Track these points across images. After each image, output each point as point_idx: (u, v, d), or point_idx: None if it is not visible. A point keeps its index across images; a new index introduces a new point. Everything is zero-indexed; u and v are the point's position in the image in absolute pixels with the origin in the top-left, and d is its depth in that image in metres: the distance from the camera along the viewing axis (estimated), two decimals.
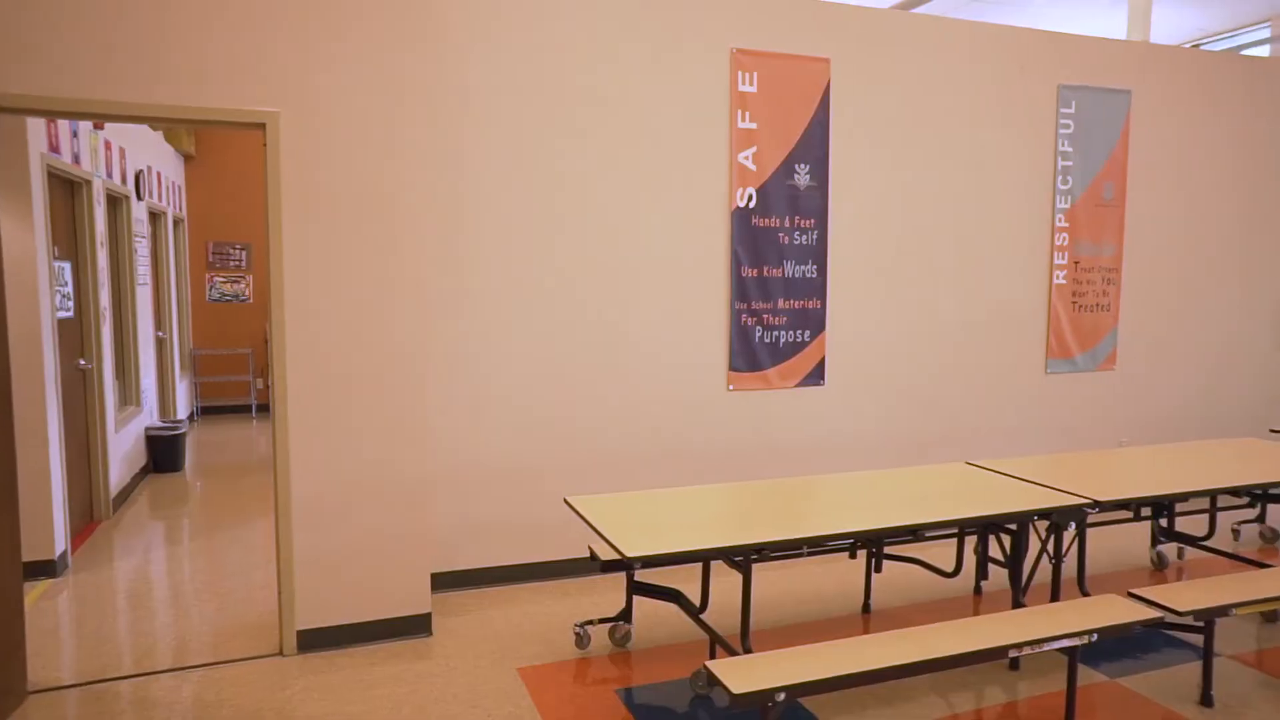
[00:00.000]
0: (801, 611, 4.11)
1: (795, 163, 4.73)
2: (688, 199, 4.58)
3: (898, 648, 2.79)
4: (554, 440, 4.45)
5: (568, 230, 4.37)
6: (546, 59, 4.26)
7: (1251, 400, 6.34)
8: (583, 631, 3.65)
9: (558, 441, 4.45)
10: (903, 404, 5.20)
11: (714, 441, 4.75)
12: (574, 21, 4.29)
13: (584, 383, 4.47)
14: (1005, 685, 3.41)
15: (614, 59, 4.37)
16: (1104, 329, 5.71)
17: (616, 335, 4.51)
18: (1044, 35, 5.38)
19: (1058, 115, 5.43)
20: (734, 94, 4.58)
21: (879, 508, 3.24)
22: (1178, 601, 3.14)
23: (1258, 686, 3.39)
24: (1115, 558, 4.91)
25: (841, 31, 4.82)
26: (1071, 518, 3.33)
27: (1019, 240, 5.41)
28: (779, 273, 4.75)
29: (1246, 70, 6.07)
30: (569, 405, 4.45)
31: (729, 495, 3.42)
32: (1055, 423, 5.66)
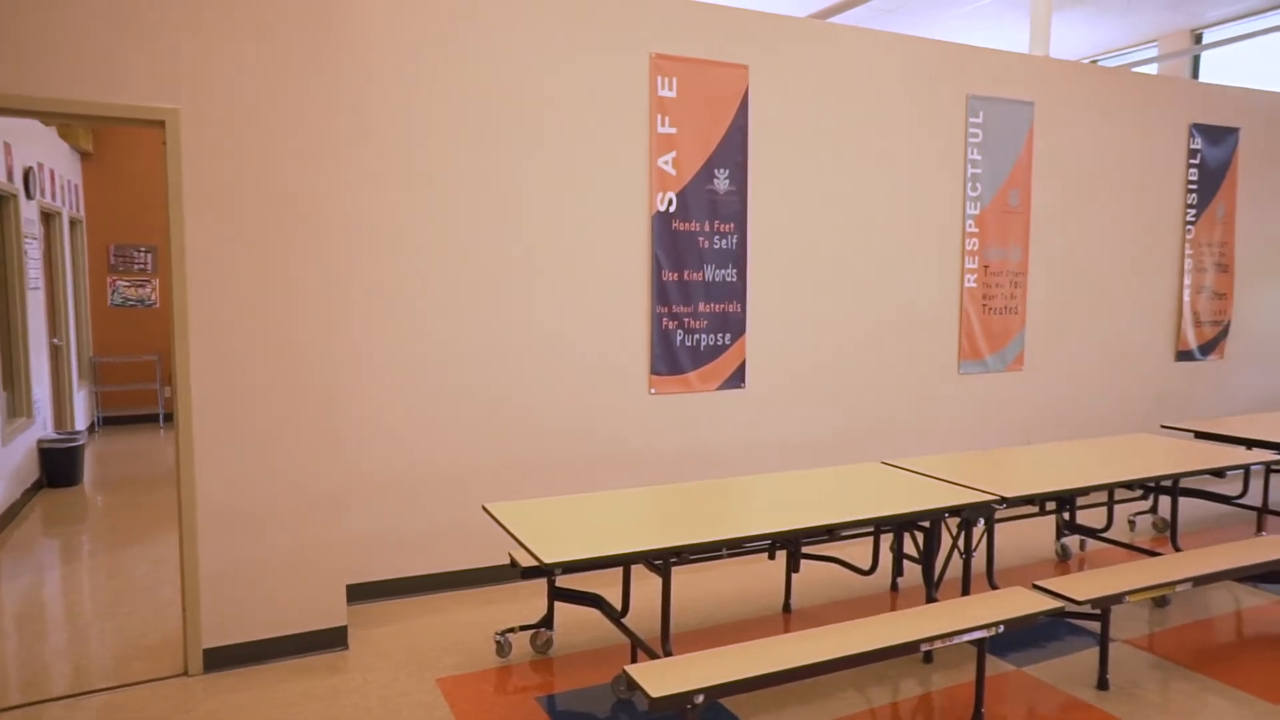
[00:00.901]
0: (724, 612, 4.15)
1: (715, 168, 4.78)
2: (608, 203, 4.58)
3: (815, 646, 2.84)
4: (474, 446, 4.38)
5: (486, 233, 4.32)
6: (463, 59, 4.20)
7: (1145, 398, 6.67)
8: (503, 639, 3.60)
9: (478, 447, 4.39)
10: (821, 405, 5.30)
11: (636, 445, 4.76)
12: (491, 22, 4.25)
13: (503, 388, 4.42)
14: (920, 678, 3.50)
15: (532, 61, 4.34)
16: (1012, 331, 5.93)
17: (537, 339, 4.47)
18: (954, 47, 5.56)
19: (967, 124, 5.62)
20: (654, 99, 4.60)
21: (796, 508, 3.29)
22: (1077, 591, 3.28)
23: (1149, 668, 3.57)
24: (1023, 551, 5.10)
25: (760, 39, 4.90)
26: (980, 514, 3.44)
27: (932, 245, 5.58)
28: (699, 276, 4.79)
29: (1137, 85, 6.39)
30: (488, 411, 4.40)
31: (649, 499, 3.42)
32: (967, 422, 5.85)
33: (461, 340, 4.31)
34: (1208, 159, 6.74)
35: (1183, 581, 3.48)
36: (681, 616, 4.10)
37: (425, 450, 4.28)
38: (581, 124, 4.48)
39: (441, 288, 4.25)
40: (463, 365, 4.32)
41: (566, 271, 4.51)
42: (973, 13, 8.66)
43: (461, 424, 4.34)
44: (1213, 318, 6.95)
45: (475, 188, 4.28)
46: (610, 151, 4.55)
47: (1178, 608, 4.24)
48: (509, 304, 4.40)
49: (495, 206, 4.33)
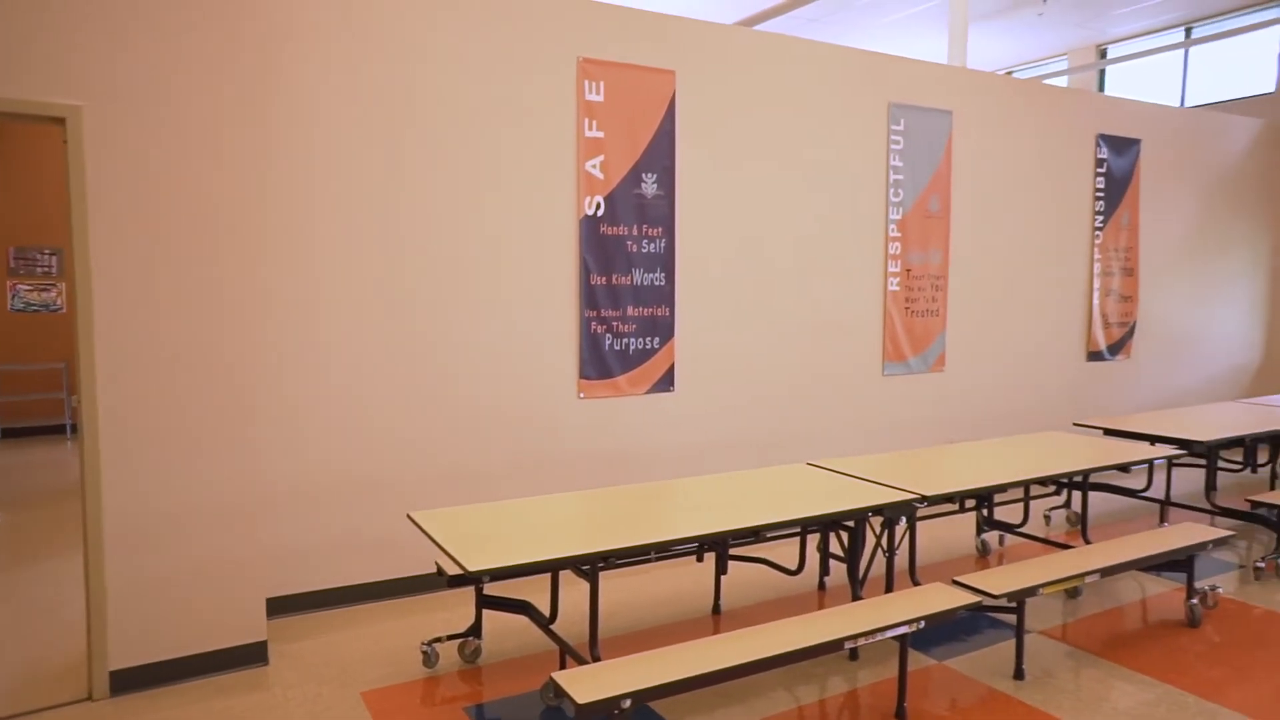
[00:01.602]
0: (654, 616, 4.15)
1: (642, 172, 4.79)
2: (536, 206, 4.55)
3: (742, 646, 2.86)
4: (401, 453, 4.30)
5: (412, 237, 4.25)
6: (389, 61, 4.13)
7: (1059, 397, 6.93)
8: (430, 649, 3.54)
9: (405, 455, 4.31)
10: (749, 408, 5.36)
11: (565, 450, 4.73)
12: (417, 24, 4.18)
13: (431, 393, 4.35)
14: (847, 675, 3.56)
15: (458, 63, 4.29)
16: (934, 333, 6.10)
17: (464, 344, 4.41)
18: (876, 56, 5.70)
19: (889, 132, 5.75)
20: (581, 103, 4.59)
21: (724, 510, 3.31)
22: (994, 586, 3.38)
23: (1063, 657, 3.70)
24: (946, 547, 5.24)
25: (686, 45, 4.93)
26: (902, 512, 3.52)
27: (856, 249, 5.70)
28: (628, 280, 4.79)
29: (1047, 97, 6.65)
30: (415, 417, 4.32)
31: (577, 504, 3.40)
32: (892, 422, 5.98)
33: (387, 345, 4.23)
34: (1113, 168, 7.05)
35: (1091, 573, 3.62)
36: (611, 621, 4.09)
37: (349, 458, 4.18)
38: (509, 127, 4.44)
39: (366, 292, 4.16)
40: (388, 371, 4.24)
41: (494, 275, 4.47)
42: (894, 24, 8.89)
43: (387, 431, 4.26)
44: (1120, 319, 7.26)
45: (401, 191, 4.20)
46: (538, 155, 4.53)
47: (1089, 598, 4.41)
48: (436, 309, 4.33)
49: (422, 210, 4.26)
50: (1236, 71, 8.74)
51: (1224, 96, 8.82)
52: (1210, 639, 3.90)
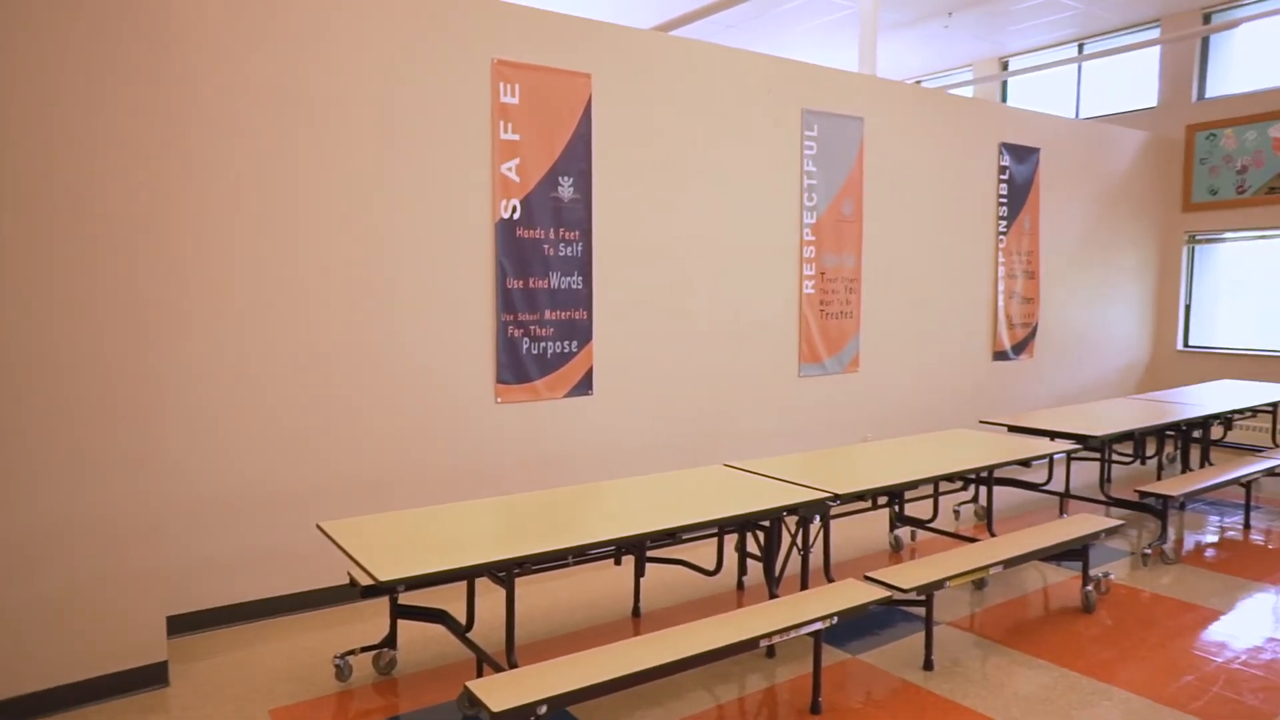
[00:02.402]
0: (573, 620, 4.14)
1: (559, 175, 4.77)
2: (451, 209, 4.48)
3: (658, 648, 2.87)
4: (311, 463, 4.18)
5: (322, 240, 4.14)
6: (293, 59, 4.01)
7: (967, 395, 7.19)
8: (343, 663, 3.44)
9: (315, 464, 4.19)
10: (668, 411, 5.39)
11: (483, 456, 4.67)
12: (328, 23, 4.07)
13: (342, 401, 4.24)
14: (765, 672, 3.61)
15: (370, 64, 4.20)
16: (848, 334, 6.25)
17: (377, 350, 4.32)
18: (790, 64, 5.81)
19: (802, 137, 5.87)
20: (496, 105, 4.55)
21: (641, 513, 3.32)
22: (903, 580, 3.48)
23: (970, 647, 3.83)
24: (861, 544, 5.37)
25: (603, 49, 4.94)
26: (816, 511, 3.60)
27: (772, 252, 5.80)
28: (545, 284, 4.77)
29: (953, 106, 6.89)
30: (325, 426, 4.20)
31: (493, 510, 3.37)
32: (808, 423, 6.10)
33: (296, 351, 4.10)
34: (1015, 175, 7.35)
35: (994, 565, 3.77)
36: (531, 627, 4.06)
37: (258, 468, 4.04)
38: (422, 129, 4.37)
39: (273, 296, 4.03)
40: (298, 378, 4.11)
41: (407, 279, 4.38)
42: (808, 31, 9.09)
43: (298, 439, 4.13)
44: (1023, 320, 7.57)
45: (311, 192, 4.09)
46: (452, 157, 4.46)
47: (994, 588, 4.58)
48: (347, 313, 4.22)
49: (331, 212, 4.15)
50: (1124, 86, 9.23)
51: (1114, 109, 9.30)
52: (1103, 623, 4.09)
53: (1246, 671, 3.61)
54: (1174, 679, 3.52)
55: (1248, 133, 8.24)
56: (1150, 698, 3.37)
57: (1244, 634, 3.99)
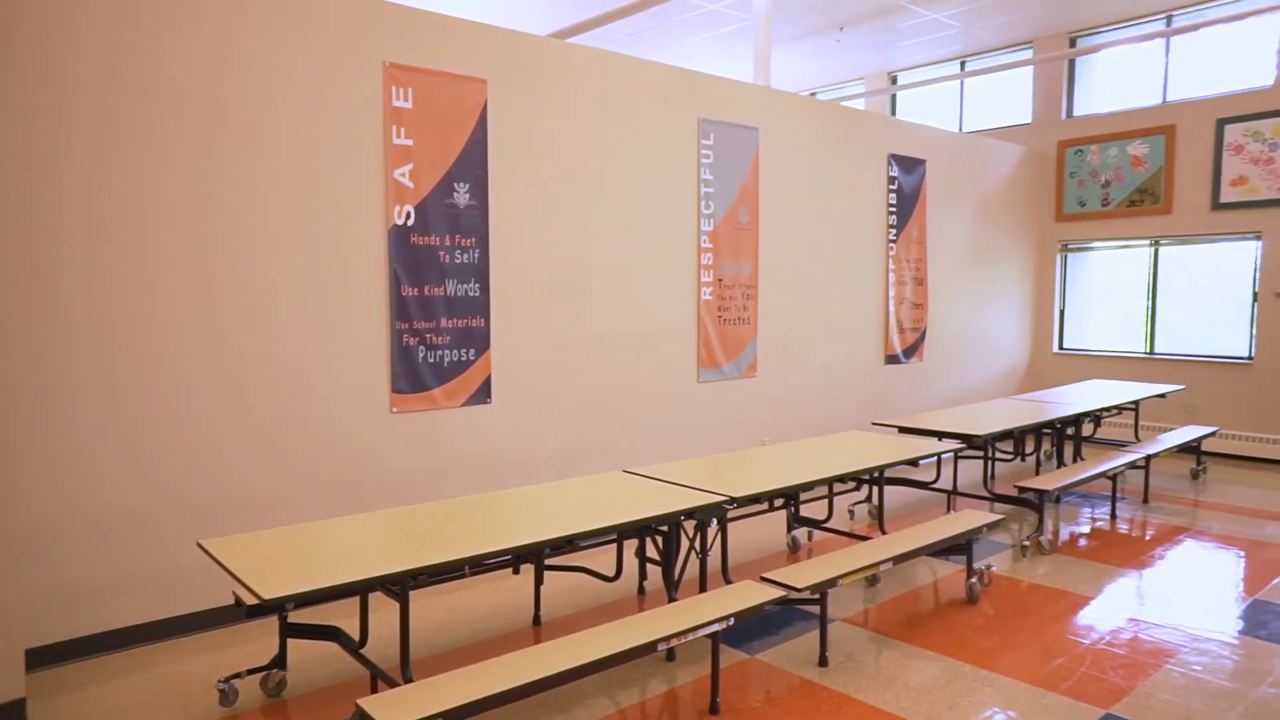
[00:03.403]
0: (473, 632, 4.07)
1: (454, 181, 4.71)
2: (341, 216, 4.36)
3: (556, 656, 2.86)
4: (196, 479, 3.98)
5: (204, 246, 3.96)
6: (176, 58, 3.82)
7: (860, 398, 7.43)
8: (228, 687, 3.29)
9: (200, 480, 3.99)
10: (568, 418, 5.38)
11: (378, 467, 4.56)
12: (214, 23, 3.90)
13: (226, 413, 4.06)
14: (666, 676, 3.63)
15: (254, 63, 4.04)
16: (746, 340, 6.37)
17: (263, 360, 4.16)
18: (687, 73, 5.90)
19: (699, 146, 5.97)
20: (388, 109, 4.45)
21: (539, 521, 3.30)
22: (798, 580, 3.57)
23: (864, 642, 3.96)
24: (760, 545, 5.47)
25: (498, 54, 4.90)
26: (713, 514, 3.65)
27: (670, 259, 5.86)
28: (441, 291, 4.69)
29: (845, 117, 7.13)
30: (211, 439, 4.02)
31: (386, 522, 3.28)
32: (708, 428, 6.19)
33: (177, 362, 3.91)
34: (904, 185, 7.66)
35: (884, 562, 3.90)
36: (429, 640, 3.97)
37: (134, 485, 3.82)
38: (312, 133, 4.23)
39: (152, 305, 3.83)
40: (179, 389, 3.92)
41: (295, 287, 4.24)
42: (705, 42, 9.25)
43: (179, 455, 3.93)
44: (913, 325, 7.88)
45: (195, 197, 3.90)
46: (344, 162, 4.34)
47: (887, 584, 4.74)
48: (231, 323, 4.05)
49: (217, 218, 3.97)
50: (1003, 102, 9.75)
51: (994, 124, 9.80)
52: (986, 613, 4.29)
53: (1110, 651, 3.84)
54: (1047, 662, 3.73)
55: (1110, 149, 8.82)
56: (1027, 681, 3.55)
57: (1109, 616, 4.25)
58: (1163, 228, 8.53)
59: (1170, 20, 8.43)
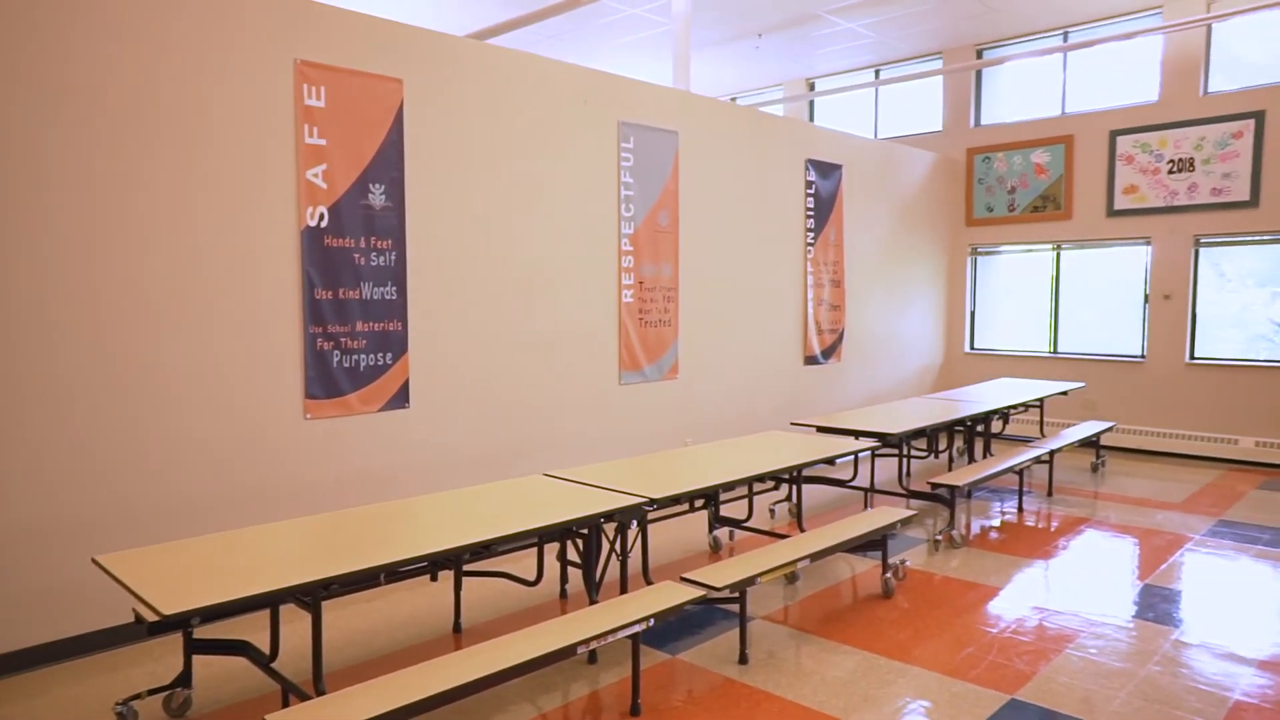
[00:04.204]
0: (391, 642, 3.99)
1: (370, 182, 4.61)
2: (250, 217, 4.22)
3: (474, 662, 2.82)
4: (95, 492, 3.80)
5: (102, 247, 3.78)
6: (80, 55, 3.65)
7: (780, 399, 7.56)
8: (126, 709, 3.15)
9: (96, 492, 3.81)
10: (488, 422, 5.32)
11: (292, 475, 4.43)
12: (117, 15, 3.73)
13: (126, 423, 3.89)
14: (588, 679, 3.63)
15: (158, 59, 3.88)
16: (667, 342, 6.41)
17: (167, 365, 3.99)
18: (607, 76, 5.91)
19: (619, 149, 5.98)
20: (300, 108, 4.34)
21: (458, 527, 3.26)
22: (717, 579, 3.61)
23: (784, 638, 4.03)
24: (683, 546, 5.52)
25: (415, 54, 4.82)
26: (633, 516, 3.66)
27: (591, 261, 5.86)
28: (356, 294, 4.59)
29: (763, 123, 7.25)
30: (111, 451, 3.84)
31: (298, 531, 3.20)
32: (630, 430, 6.21)
33: (72, 368, 3.72)
34: (821, 190, 7.83)
35: (802, 559, 3.98)
36: (347, 652, 3.88)
37: (27, 499, 3.62)
38: (219, 131, 4.09)
39: (42, 308, 3.64)
40: (74, 397, 3.73)
41: (202, 290, 4.08)
42: (625, 46, 9.28)
43: (75, 466, 3.74)
44: (831, 326, 8.06)
45: (92, 196, 3.72)
46: (253, 162, 4.21)
47: (806, 581, 4.83)
48: (134, 327, 3.88)
49: (117, 218, 3.80)
50: (916, 110, 10.06)
51: (907, 131, 10.11)
52: (901, 606, 4.42)
53: (1016, 639, 4.00)
54: (958, 652, 3.86)
55: (1015, 157, 9.19)
56: (938, 671, 3.66)
57: (1015, 605, 4.42)
58: (1064, 233, 8.93)
59: (1067, 36, 8.84)
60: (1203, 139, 7.98)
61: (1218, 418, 8.03)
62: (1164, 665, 3.73)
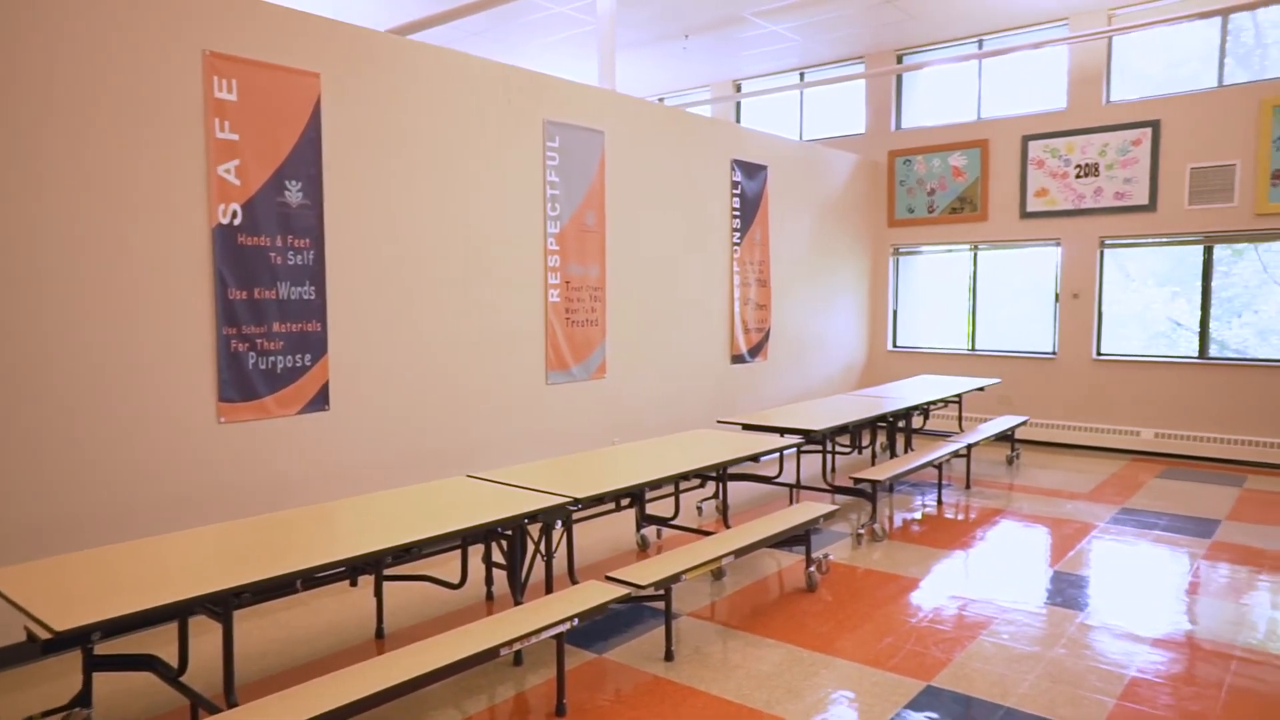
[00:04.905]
0: (310, 650, 3.89)
1: (286, 179, 4.48)
2: (158, 214, 4.06)
3: (395, 667, 2.77)
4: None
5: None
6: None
7: (708, 397, 7.63)
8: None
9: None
10: (412, 424, 5.23)
11: (205, 481, 4.27)
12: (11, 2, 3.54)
13: (25, 431, 3.69)
14: (514, 681, 3.60)
15: (55, 45, 3.70)
16: (594, 342, 6.41)
17: (64, 368, 3.81)
18: (532, 74, 5.87)
19: (544, 148, 5.95)
20: (210, 100, 4.19)
21: (377, 530, 3.19)
22: (642, 577, 3.62)
23: (710, 634, 4.06)
24: (610, 545, 5.52)
25: (333, 48, 4.71)
26: (557, 516, 3.64)
27: (517, 261, 5.82)
28: (273, 294, 4.45)
29: (690, 123, 7.30)
30: (5, 459, 3.64)
31: (211, 538, 3.09)
32: (557, 430, 6.18)
33: None
34: (747, 190, 7.92)
35: (726, 555, 4.02)
36: (262, 662, 3.77)
37: None
38: (121, 123, 3.92)
39: None
40: None
41: (108, 289, 3.91)
42: (550, 45, 9.24)
43: None
44: (757, 325, 8.17)
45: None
46: (160, 156, 4.05)
47: (733, 577, 4.88)
48: (38, 328, 3.69)
49: (17, 213, 3.61)
50: (841, 113, 10.28)
51: (832, 133, 10.32)
52: (825, 599, 4.50)
53: (934, 627, 4.12)
54: (878, 642, 3.95)
55: (934, 160, 9.46)
56: (859, 662, 3.75)
57: (934, 595, 4.55)
58: (980, 234, 9.23)
59: (981, 44, 9.14)
60: (1106, 145, 8.34)
61: (1122, 411, 8.41)
62: (1069, 648, 3.89)
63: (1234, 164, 7.74)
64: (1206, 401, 7.97)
